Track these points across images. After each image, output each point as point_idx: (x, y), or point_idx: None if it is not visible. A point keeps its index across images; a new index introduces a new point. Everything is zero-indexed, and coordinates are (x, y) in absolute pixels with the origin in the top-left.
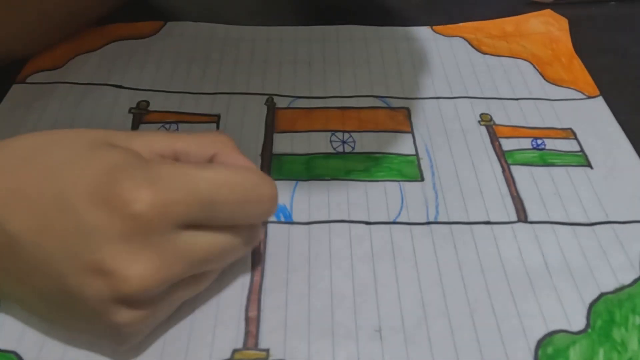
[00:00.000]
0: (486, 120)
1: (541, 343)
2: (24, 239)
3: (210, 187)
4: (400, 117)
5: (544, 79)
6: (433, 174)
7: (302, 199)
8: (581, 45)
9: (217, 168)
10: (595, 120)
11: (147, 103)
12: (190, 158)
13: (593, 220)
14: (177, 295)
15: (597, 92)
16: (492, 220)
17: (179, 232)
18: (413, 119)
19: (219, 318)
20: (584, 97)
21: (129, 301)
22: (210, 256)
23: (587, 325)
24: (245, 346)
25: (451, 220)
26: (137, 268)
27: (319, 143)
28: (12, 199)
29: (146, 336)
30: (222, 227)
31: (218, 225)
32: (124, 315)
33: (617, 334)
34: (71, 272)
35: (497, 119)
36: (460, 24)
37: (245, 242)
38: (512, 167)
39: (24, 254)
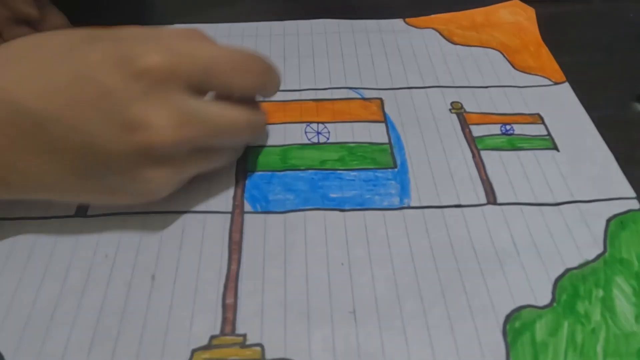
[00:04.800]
0: (457, 108)
1: (509, 318)
2: (49, 114)
3: (209, 55)
4: (373, 108)
5: (513, 66)
6: (406, 161)
7: (278, 189)
8: (565, 41)
9: (217, 45)
10: (561, 105)
11: None
12: None
13: (559, 200)
14: (192, 164)
15: (564, 79)
16: (462, 203)
17: (191, 97)
18: (386, 109)
19: (197, 305)
20: (551, 83)
21: (155, 156)
22: (221, 126)
23: (553, 299)
24: (223, 332)
25: (423, 204)
26: (162, 121)
27: (294, 134)
28: (28, 80)
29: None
30: (229, 103)
31: (221, 94)
32: (150, 171)
33: (581, 307)
34: (102, 135)
35: (468, 107)
36: (432, 16)
37: (249, 124)
38: (482, 152)
39: (51, 129)
